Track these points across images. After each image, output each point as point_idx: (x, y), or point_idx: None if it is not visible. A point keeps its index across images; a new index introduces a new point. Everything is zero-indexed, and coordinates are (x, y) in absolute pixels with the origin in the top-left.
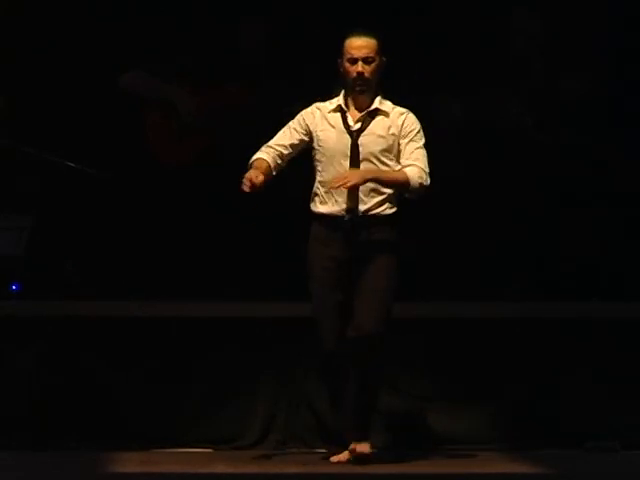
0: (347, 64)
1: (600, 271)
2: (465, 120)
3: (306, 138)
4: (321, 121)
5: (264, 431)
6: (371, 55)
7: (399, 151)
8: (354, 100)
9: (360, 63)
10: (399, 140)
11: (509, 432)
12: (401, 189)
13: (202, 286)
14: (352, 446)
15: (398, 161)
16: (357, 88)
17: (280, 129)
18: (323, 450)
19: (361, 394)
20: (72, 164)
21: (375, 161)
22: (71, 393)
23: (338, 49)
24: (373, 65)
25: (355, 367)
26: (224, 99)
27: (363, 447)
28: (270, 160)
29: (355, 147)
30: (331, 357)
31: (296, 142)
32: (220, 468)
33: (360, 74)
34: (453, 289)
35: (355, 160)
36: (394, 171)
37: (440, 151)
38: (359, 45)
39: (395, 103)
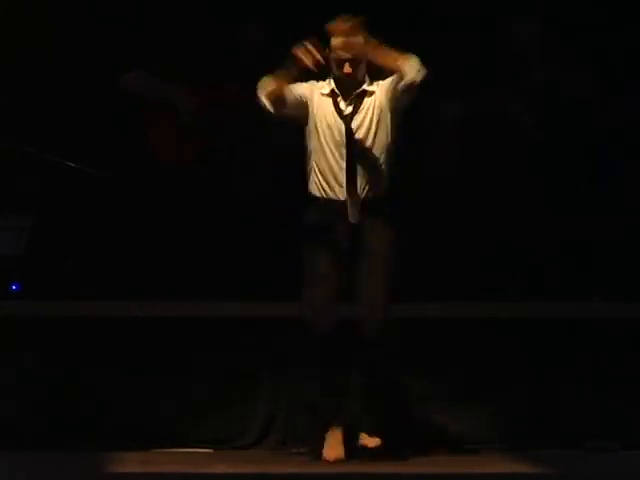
0: (333, 63)
1: (600, 271)
2: (465, 120)
3: (302, 99)
4: (316, 102)
5: (264, 431)
6: (358, 55)
7: (396, 90)
8: (343, 86)
9: (347, 64)
10: (389, 90)
11: (509, 432)
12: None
13: (202, 286)
14: (362, 441)
15: (392, 137)
16: (345, 84)
17: (279, 129)
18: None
19: (372, 378)
20: (72, 164)
21: (371, 144)
22: (71, 393)
23: None
24: (360, 64)
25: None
26: (224, 99)
27: (374, 441)
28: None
29: (350, 132)
30: (325, 340)
31: (296, 95)
32: (220, 468)
33: (348, 75)
34: (453, 289)
35: (351, 144)
36: (392, 58)
37: (439, 151)
38: (346, 46)
39: None
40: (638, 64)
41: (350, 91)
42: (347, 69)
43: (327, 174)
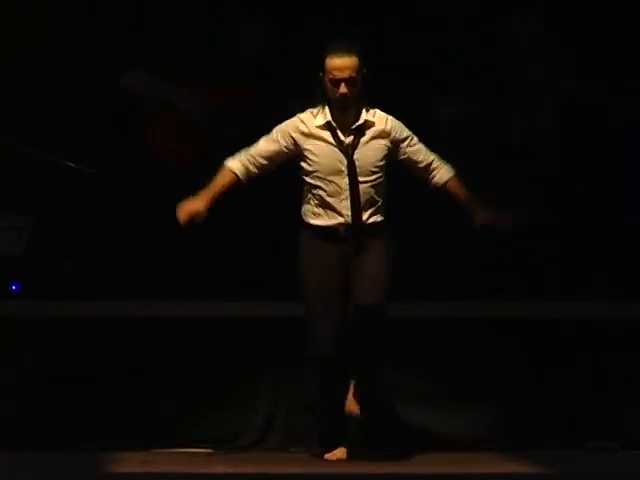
0: (329, 84)
1: (599, 272)
2: (464, 119)
3: (287, 151)
4: (309, 137)
5: (264, 431)
6: (353, 75)
7: (402, 153)
8: (340, 115)
9: (342, 84)
10: (398, 144)
11: (509, 432)
12: None
13: (202, 286)
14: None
15: (386, 165)
16: (341, 106)
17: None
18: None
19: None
20: (72, 164)
21: (370, 174)
22: (71, 393)
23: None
24: (356, 84)
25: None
26: (224, 99)
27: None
28: (241, 170)
29: (352, 163)
30: (329, 361)
31: (276, 154)
32: (220, 468)
33: (343, 95)
34: (453, 289)
35: (353, 176)
36: (465, 193)
37: (439, 152)
38: (341, 66)
39: (395, 104)
40: (638, 64)
41: (347, 121)
42: (342, 89)
43: (325, 202)
